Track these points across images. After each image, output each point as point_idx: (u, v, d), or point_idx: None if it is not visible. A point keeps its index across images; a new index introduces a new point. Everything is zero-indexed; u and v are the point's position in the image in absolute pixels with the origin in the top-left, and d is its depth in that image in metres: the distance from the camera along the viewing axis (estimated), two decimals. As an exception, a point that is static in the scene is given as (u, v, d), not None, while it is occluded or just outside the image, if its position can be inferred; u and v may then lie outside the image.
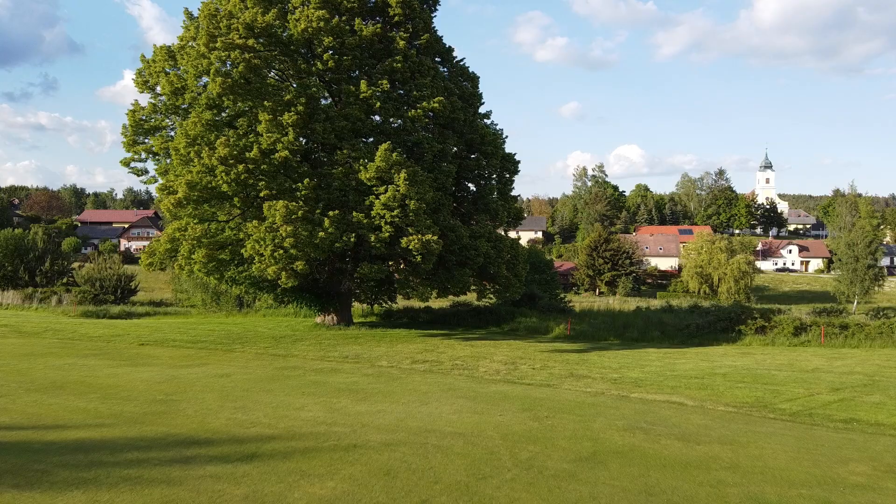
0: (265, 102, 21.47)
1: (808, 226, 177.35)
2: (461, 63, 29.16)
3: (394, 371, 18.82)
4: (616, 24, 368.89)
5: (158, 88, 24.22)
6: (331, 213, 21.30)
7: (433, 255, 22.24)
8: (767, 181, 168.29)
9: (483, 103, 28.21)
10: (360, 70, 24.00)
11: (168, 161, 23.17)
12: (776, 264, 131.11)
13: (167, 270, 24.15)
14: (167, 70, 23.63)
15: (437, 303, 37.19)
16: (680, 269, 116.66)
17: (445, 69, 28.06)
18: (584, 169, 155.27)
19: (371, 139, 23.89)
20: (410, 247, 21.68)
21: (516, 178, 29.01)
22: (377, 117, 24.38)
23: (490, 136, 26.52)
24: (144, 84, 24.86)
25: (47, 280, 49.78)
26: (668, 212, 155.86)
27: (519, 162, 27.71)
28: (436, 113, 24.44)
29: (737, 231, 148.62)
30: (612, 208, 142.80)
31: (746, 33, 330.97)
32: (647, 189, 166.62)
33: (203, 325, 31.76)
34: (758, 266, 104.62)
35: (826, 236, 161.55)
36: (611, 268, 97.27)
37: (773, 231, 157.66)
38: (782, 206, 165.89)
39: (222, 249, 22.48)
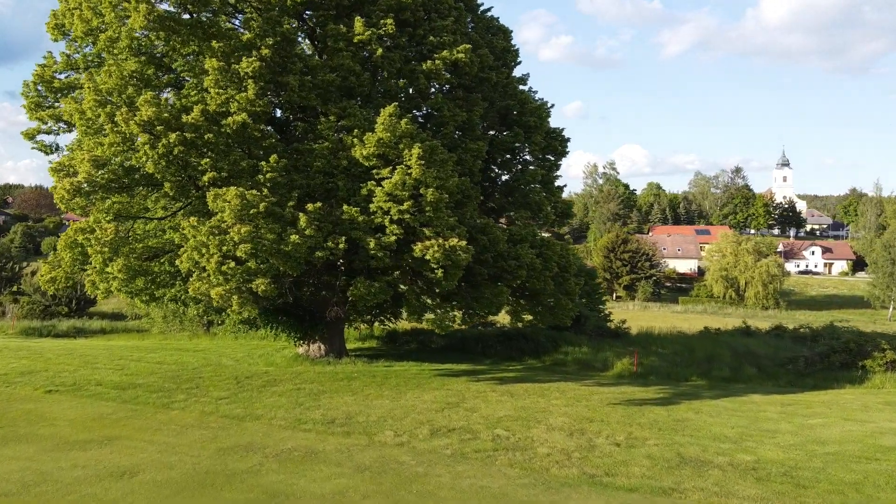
0: (213, 43, 14.50)
1: (824, 226, 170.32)
2: (488, 14, 22.19)
3: (405, 457, 11.83)
4: (621, 22, 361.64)
5: (73, 33, 17.26)
6: (310, 206, 14.30)
7: (459, 267, 15.28)
8: (785, 179, 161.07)
9: (520, 62, 21.14)
10: (355, 5, 16.94)
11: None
12: (798, 266, 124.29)
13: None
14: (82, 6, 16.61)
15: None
16: (700, 271, 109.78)
17: (470, 21, 21.06)
18: (595, 166, 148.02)
19: (370, 102, 16.90)
20: (427, 256, 14.70)
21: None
22: (379, 75, 17.41)
23: (532, 103, 19.55)
24: (58, 29, 17.90)
25: (-7, 288, 42.90)
26: (682, 211, 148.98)
27: (569, 140, 20.61)
28: (460, 68, 17.46)
29: (752, 231, 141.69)
30: (623, 207, 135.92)
31: (752, 32, 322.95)
32: (659, 187, 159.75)
33: (153, 354, 24.71)
34: (788, 269, 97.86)
35: (845, 237, 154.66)
36: (629, 271, 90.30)
37: (792, 231, 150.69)
38: (800, 206, 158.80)
39: (156, 259, 15.54)
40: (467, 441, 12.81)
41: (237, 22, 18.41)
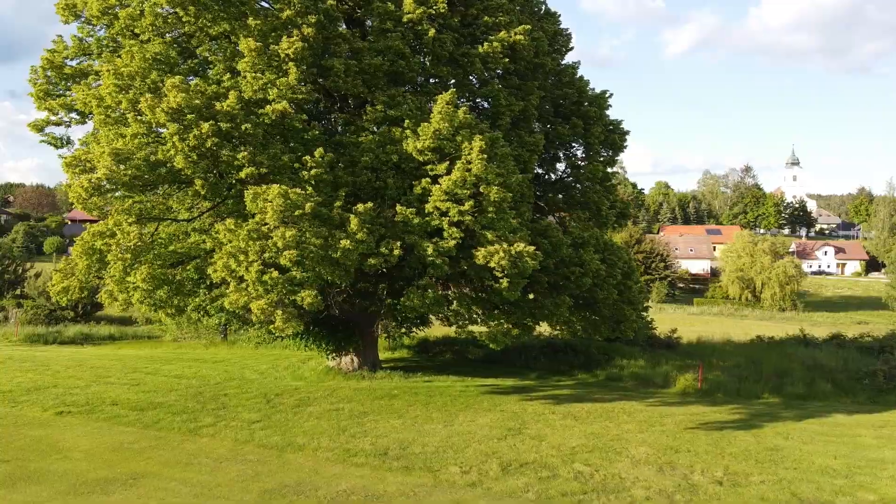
0: (249, 21, 12.75)
1: (833, 226, 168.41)
2: (535, -4, 20.37)
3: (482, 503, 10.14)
4: (624, 21, 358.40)
5: (86, 13, 15.48)
6: (360, 206, 12.56)
7: (524, 276, 13.51)
8: (795, 178, 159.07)
9: (572, 48, 19.36)
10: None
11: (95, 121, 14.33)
12: (810, 266, 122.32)
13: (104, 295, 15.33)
14: (97, -18, 14.85)
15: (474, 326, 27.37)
16: (713, 272, 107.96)
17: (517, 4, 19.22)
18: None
19: (418, 90, 15.09)
20: (491, 263, 12.94)
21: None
22: (425, 59, 15.61)
23: (590, 92, 17.78)
24: (69, 10, 16.13)
25: (-5, 291, 41.02)
26: (692, 210, 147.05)
27: (628, 133, 18.83)
28: (517, 53, 15.68)
29: (762, 231, 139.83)
30: (633, 206, 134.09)
31: (755, 31, 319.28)
32: (667, 186, 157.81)
33: (169, 366, 22.97)
34: (803, 269, 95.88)
35: (856, 237, 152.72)
36: (643, 272, 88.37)
37: (803, 231, 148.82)
38: (810, 206, 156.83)
39: (181, 266, 13.78)
40: (547, 480, 11.12)
41: (266, 3, 16.66)
